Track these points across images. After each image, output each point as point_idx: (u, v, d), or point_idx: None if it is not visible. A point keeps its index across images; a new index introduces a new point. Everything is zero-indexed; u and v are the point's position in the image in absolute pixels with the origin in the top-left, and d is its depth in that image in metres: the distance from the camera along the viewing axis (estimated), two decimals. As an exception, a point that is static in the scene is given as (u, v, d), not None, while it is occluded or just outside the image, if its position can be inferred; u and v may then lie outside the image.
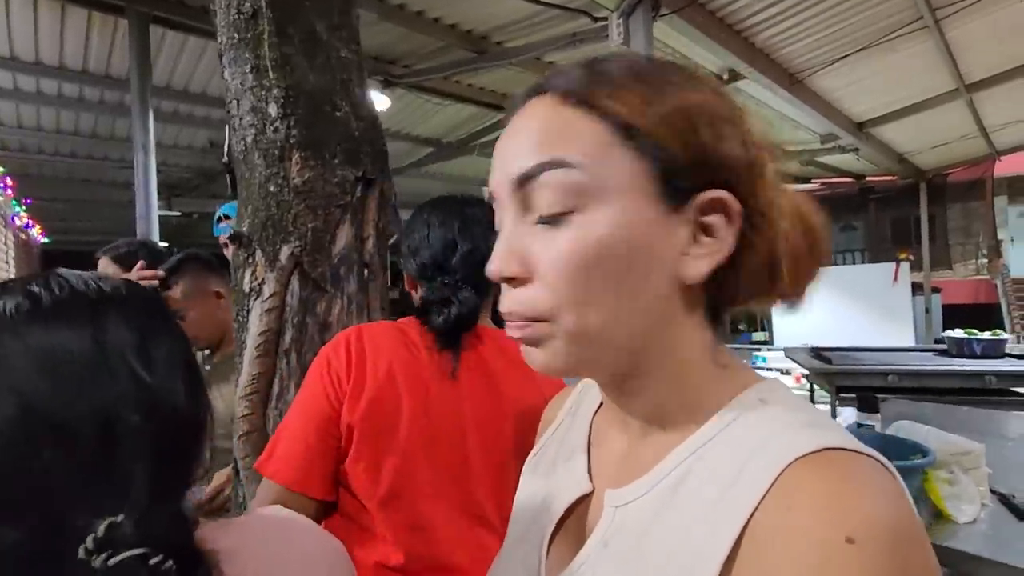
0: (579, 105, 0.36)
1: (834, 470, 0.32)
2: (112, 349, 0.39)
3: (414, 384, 0.82)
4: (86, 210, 7.22)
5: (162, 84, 4.07)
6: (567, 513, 0.44)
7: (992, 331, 3.08)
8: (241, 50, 1.02)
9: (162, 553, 0.35)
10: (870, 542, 0.28)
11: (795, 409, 0.37)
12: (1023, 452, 1.56)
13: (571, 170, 0.35)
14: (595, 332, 0.36)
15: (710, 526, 0.33)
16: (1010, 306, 9.27)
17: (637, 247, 0.36)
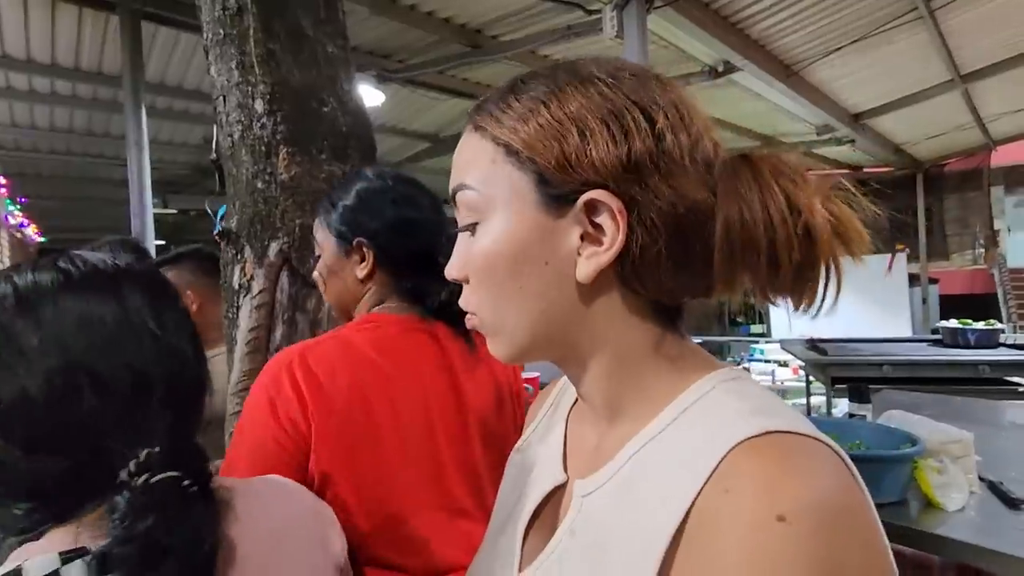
0: (478, 131, 0.42)
1: (773, 452, 0.33)
2: (133, 313, 0.46)
3: (380, 395, 0.77)
4: (81, 208, 7.20)
5: (156, 81, 4.05)
6: (544, 503, 0.46)
7: (986, 321, 3.09)
8: (227, 46, 1.02)
9: (191, 478, 0.43)
10: (801, 520, 0.29)
11: (745, 397, 0.38)
12: (1015, 440, 1.57)
13: (467, 191, 0.42)
14: (511, 326, 0.42)
15: (658, 514, 0.34)
16: (1007, 296, 9.30)
17: (524, 251, 0.40)
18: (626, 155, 0.37)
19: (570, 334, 0.41)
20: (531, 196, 0.39)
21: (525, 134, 0.39)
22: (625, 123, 0.37)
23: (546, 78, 0.41)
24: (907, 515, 1.08)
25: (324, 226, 0.85)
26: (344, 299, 0.86)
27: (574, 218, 0.38)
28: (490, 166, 0.40)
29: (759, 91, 4.67)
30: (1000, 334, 3.04)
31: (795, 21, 3.73)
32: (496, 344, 0.43)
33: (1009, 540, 0.98)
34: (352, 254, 0.83)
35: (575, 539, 0.40)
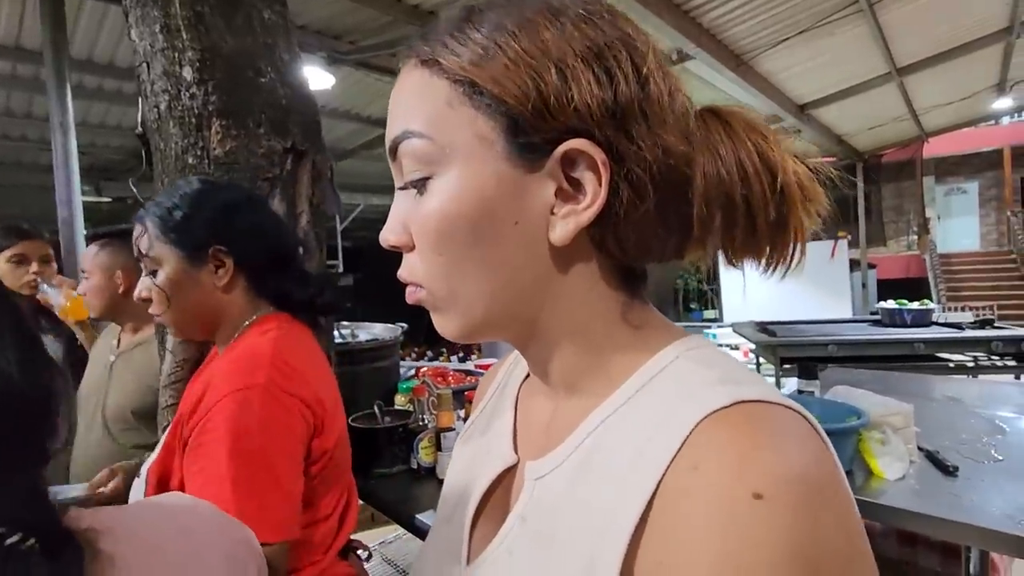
0: (427, 66, 0.34)
1: (745, 423, 0.30)
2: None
3: (332, 381, 0.86)
4: (4, 195, 6.68)
5: (82, 57, 3.77)
6: (493, 487, 0.42)
7: (920, 302, 3.26)
8: (148, 8, 0.93)
9: (21, 532, 0.32)
10: (779, 497, 0.27)
11: (711, 365, 0.35)
12: (948, 412, 1.65)
13: (416, 139, 0.34)
14: (467, 299, 0.36)
15: (621, 495, 0.31)
16: (937, 279, 9.91)
17: (490, 210, 0.33)
18: (612, 99, 0.32)
19: (534, 304, 0.36)
20: (499, 145, 0.33)
21: (493, 71, 0.32)
22: (609, 63, 0.32)
23: (510, 5, 0.34)
24: (852, 485, 1.10)
25: (160, 237, 0.79)
26: (202, 311, 0.82)
27: (548, 171, 0.33)
28: (445, 109, 0.33)
29: (711, 80, 4.75)
30: (932, 314, 3.23)
31: (744, 11, 3.81)
32: (447, 320, 0.37)
33: (946, 505, 1.02)
34: (205, 264, 0.80)
35: (526, 526, 0.36)
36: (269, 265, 0.84)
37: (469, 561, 0.41)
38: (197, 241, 0.79)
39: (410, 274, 0.37)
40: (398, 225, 0.37)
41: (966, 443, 1.31)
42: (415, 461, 1.37)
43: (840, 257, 7.61)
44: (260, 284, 0.84)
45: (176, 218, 0.79)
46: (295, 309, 0.86)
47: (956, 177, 11.88)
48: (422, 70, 0.35)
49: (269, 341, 0.78)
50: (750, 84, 4.72)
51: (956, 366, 2.96)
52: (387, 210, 0.40)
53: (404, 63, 0.36)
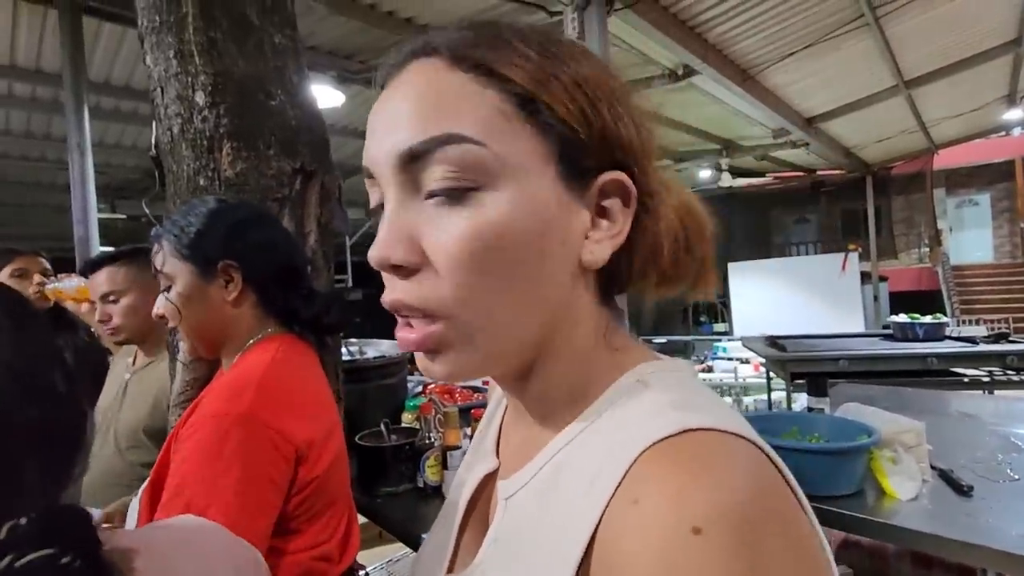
0: (473, 70, 0.32)
1: (687, 454, 0.29)
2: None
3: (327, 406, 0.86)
4: (22, 214, 6.81)
5: (100, 80, 3.86)
6: (477, 494, 0.43)
7: (933, 315, 3.22)
8: (163, 34, 0.96)
9: (71, 552, 0.33)
10: (718, 531, 0.25)
11: (667, 390, 0.34)
12: (962, 429, 1.62)
13: (469, 145, 0.31)
14: (498, 329, 0.33)
15: (572, 524, 0.31)
16: (950, 292, 9.78)
17: (540, 231, 0.32)
18: (639, 140, 0.35)
19: (548, 327, 0.35)
20: (550, 166, 0.33)
21: (555, 92, 0.32)
22: (633, 103, 0.35)
23: (543, 35, 0.34)
24: (863, 505, 1.09)
25: (174, 253, 0.82)
26: (211, 326, 0.84)
27: (589, 197, 0.34)
28: (499, 119, 0.32)
29: (718, 95, 4.78)
30: (945, 327, 3.18)
31: (750, 26, 3.83)
32: (463, 356, 0.33)
33: (961, 527, 1.00)
34: (215, 278, 0.82)
35: (497, 545, 0.37)
36: (278, 281, 0.85)
37: (451, 569, 0.41)
38: (208, 256, 0.81)
39: (423, 300, 0.32)
40: (406, 240, 0.32)
41: (981, 461, 1.28)
42: (421, 479, 1.36)
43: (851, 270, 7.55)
44: (268, 301, 0.85)
45: (189, 235, 0.81)
46: (301, 327, 0.88)
47: (968, 189, 11.78)
48: (456, 71, 0.32)
49: (263, 366, 0.79)
50: (757, 98, 4.74)
51: (971, 381, 2.91)
52: None
53: (415, 58, 0.34)
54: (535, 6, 3.31)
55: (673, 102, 5.04)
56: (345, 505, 0.86)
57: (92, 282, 1.37)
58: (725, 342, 6.99)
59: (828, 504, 1.08)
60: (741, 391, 5.68)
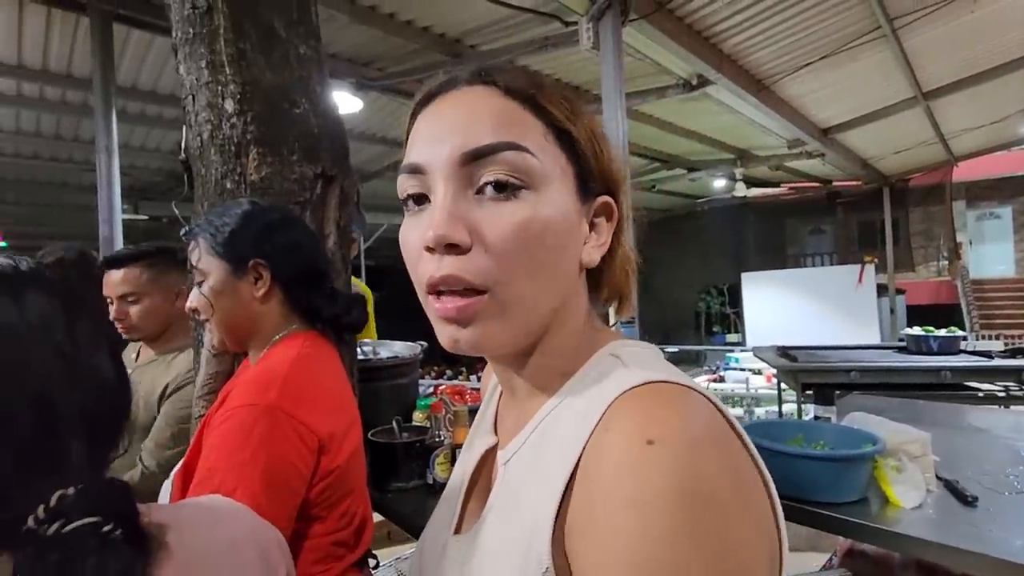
0: (524, 102, 0.42)
1: (648, 396, 0.37)
2: (38, 326, 0.39)
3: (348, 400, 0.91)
4: (49, 214, 7.00)
5: (127, 84, 3.98)
6: (480, 465, 0.51)
7: (948, 329, 3.19)
8: (196, 45, 1.01)
9: (112, 522, 0.36)
10: (666, 444, 0.33)
11: (636, 358, 0.43)
12: (973, 442, 1.62)
13: (526, 153, 0.40)
14: (528, 304, 0.41)
15: (559, 464, 0.38)
16: (969, 306, 9.62)
17: (566, 230, 0.42)
18: (620, 174, 0.46)
19: (556, 310, 0.44)
20: (571, 183, 0.43)
21: (579, 130, 0.43)
22: (611, 146, 0.46)
23: (565, 90, 0.46)
24: (867, 513, 1.10)
25: (209, 251, 0.88)
26: (239, 320, 0.89)
27: (588, 212, 0.44)
28: (543, 140, 0.41)
29: (732, 105, 4.78)
30: (962, 341, 3.15)
31: (765, 37, 3.84)
32: (499, 328, 0.40)
33: (964, 536, 1.01)
34: (246, 275, 0.88)
35: (498, 500, 0.44)
36: (303, 281, 0.91)
37: (458, 531, 0.49)
38: (240, 254, 0.87)
39: (474, 274, 0.39)
40: (462, 223, 0.39)
41: (988, 474, 1.28)
42: (431, 476, 1.39)
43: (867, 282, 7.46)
44: (293, 299, 0.90)
45: (224, 233, 0.87)
46: (323, 325, 0.92)
47: (989, 202, 11.59)
48: (511, 100, 0.42)
49: (288, 361, 0.84)
50: (772, 108, 4.73)
51: (986, 395, 2.88)
52: None
53: (474, 84, 0.43)
54: (550, 16, 3.35)
55: (687, 111, 5.05)
56: (361, 496, 0.89)
57: (109, 279, 1.38)
58: (737, 352, 6.93)
59: (832, 511, 1.10)
60: (753, 402, 5.64)
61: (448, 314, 0.40)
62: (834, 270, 8.61)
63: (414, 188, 0.42)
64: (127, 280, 1.37)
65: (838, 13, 3.61)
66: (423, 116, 0.43)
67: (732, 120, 5.35)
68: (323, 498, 0.81)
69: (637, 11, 3.04)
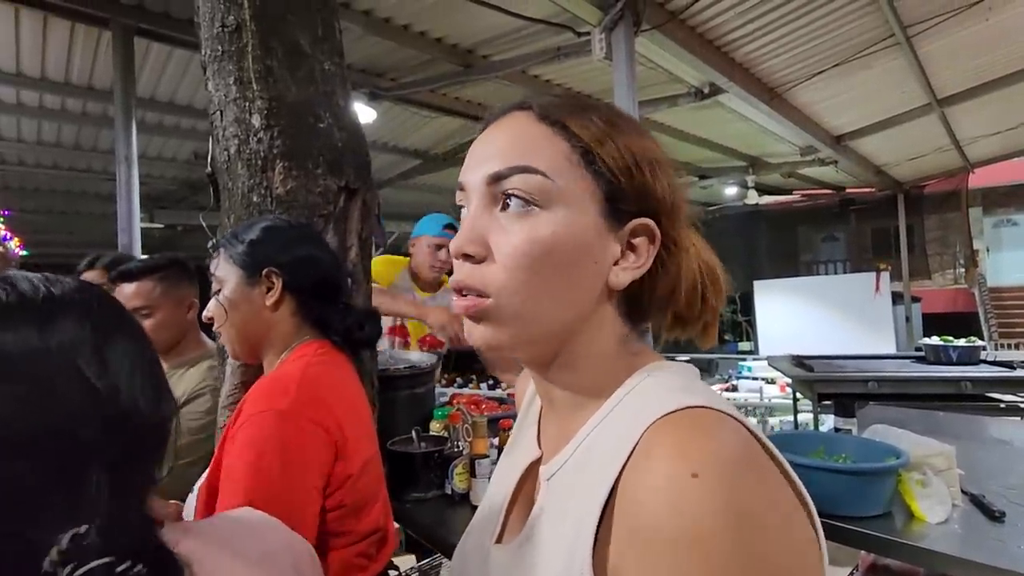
0: (552, 124, 0.44)
1: (687, 423, 0.38)
2: (65, 355, 0.37)
3: (362, 409, 0.92)
4: (68, 222, 7.12)
5: (146, 96, 4.05)
6: (524, 478, 0.52)
7: (967, 338, 3.15)
8: (225, 62, 1.04)
9: (130, 559, 0.35)
10: (711, 475, 0.34)
11: (672, 381, 0.44)
12: (996, 455, 1.59)
13: (540, 176, 0.43)
14: (529, 314, 0.43)
15: (599, 484, 0.40)
16: (988, 314, 9.47)
17: (578, 249, 0.43)
18: (670, 198, 0.46)
19: (574, 328, 0.45)
20: (597, 203, 0.44)
21: (609, 150, 0.44)
22: (670, 172, 0.47)
23: (609, 108, 0.47)
24: (892, 527, 1.09)
25: (228, 259, 0.91)
26: (250, 328, 0.91)
27: (621, 233, 0.45)
28: (564, 162, 0.43)
29: (744, 112, 4.77)
30: (981, 351, 3.10)
31: (778, 45, 3.83)
32: (497, 331, 0.44)
33: (992, 552, 0.99)
34: (258, 284, 0.90)
35: (543, 514, 0.46)
36: (316, 292, 0.93)
37: (501, 540, 0.50)
38: (255, 262, 0.90)
39: (481, 283, 0.43)
40: (478, 237, 0.44)
41: (1015, 488, 1.26)
42: (449, 487, 1.40)
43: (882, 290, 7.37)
44: (305, 310, 0.92)
45: (243, 243, 0.90)
46: (336, 338, 0.94)
47: (1006, 208, 11.43)
48: (540, 124, 0.45)
49: (301, 367, 0.85)
50: (784, 116, 4.71)
51: (1008, 407, 2.83)
52: None
53: (513, 111, 0.46)
54: (563, 27, 3.38)
55: (699, 119, 5.05)
56: (384, 507, 0.90)
57: (121, 292, 1.36)
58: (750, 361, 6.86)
59: (855, 524, 1.08)
60: (766, 411, 5.57)
61: (460, 311, 0.45)
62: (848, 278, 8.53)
63: (461, 202, 0.47)
64: (140, 294, 1.36)
65: (851, 21, 3.60)
66: (476, 140, 0.48)
67: (744, 128, 5.33)
68: (341, 507, 0.81)
69: (649, 21, 3.06)
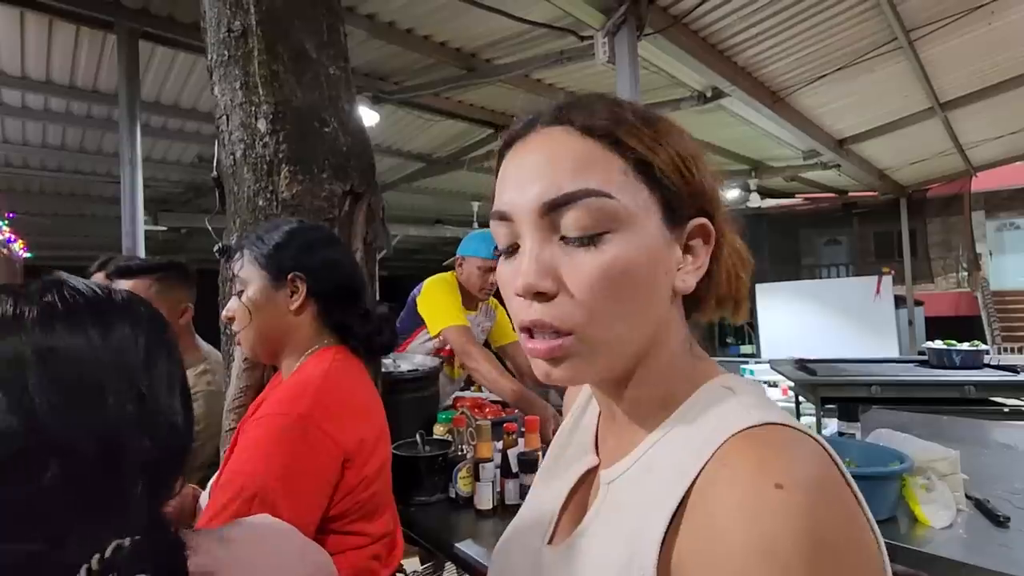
0: (602, 139, 0.42)
1: (768, 438, 0.38)
2: (123, 366, 0.38)
3: (377, 413, 0.93)
4: (72, 225, 7.15)
5: (151, 99, 4.07)
6: (578, 484, 0.51)
7: (971, 342, 3.14)
8: (231, 67, 1.04)
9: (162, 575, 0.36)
10: (796, 487, 0.33)
11: (750, 396, 0.43)
12: (1000, 459, 1.59)
13: (605, 199, 0.40)
14: (616, 342, 0.42)
15: (667, 492, 0.39)
16: (991, 318, 9.45)
17: (651, 265, 0.42)
18: (715, 190, 0.45)
19: (649, 342, 0.44)
20: (657, 214, 0.42)
21: (663, 158, 0.42)
22: (706, 164, 0.45)
23: (647, 112, 0.45)
24: (896, 532, 1.09)
25: (253, 262, 0.91)
26: (274, 330, 0.91)
27: (680, 238, 0.44)
28: (622, 177, 0.41)
29: (747, 116, 4.77)
30: (984, 355, 3.09)
31: (781, 50, 3.84)
32: (586, 364, 0.42)
33: (997, 557, 0.99)
34: (283, 287, 0.91)
35: (599, 516, 0.45)
36: (338, 297, 0.94)
37: (552, 542, 0.49)
38: (280, 266, 0.90)
39: (560, 320, 0.40)
40: (549, 271, 0.41)
41: (1019, 492, 1.26)
42: (454, 491, 1.40)
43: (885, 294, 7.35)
44: (327, 314, 0.93)
45: (269, 246, 0.91)
46: (354, 343, 0.94)
47: (1009, 212, 11.41)
48: (587, 140, 0.42)
49: (321, 374, 0.86)
50: (787, 120, 4.71)
51: (1011, 411, 2.82)
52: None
53: (549, 125, 0.43)
54: (566, 31, 3.38)
55: (702, 123, 5.05)
56: (392, 510, 0.91)
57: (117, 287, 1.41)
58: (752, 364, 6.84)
59: (859, 530, 1.08)
60: (769, 415, 5.55)
61: (540, 354, 0.42)
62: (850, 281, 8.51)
63: (505, 238, 0.44)
64: (135, 291, 1.38)
65: (853, 25, 3.61)
66: (508, 160, 0.45)
67: (747, 132, 5.34)
68: (354, 510, 0.82)
69: (652, 25, 3.06)
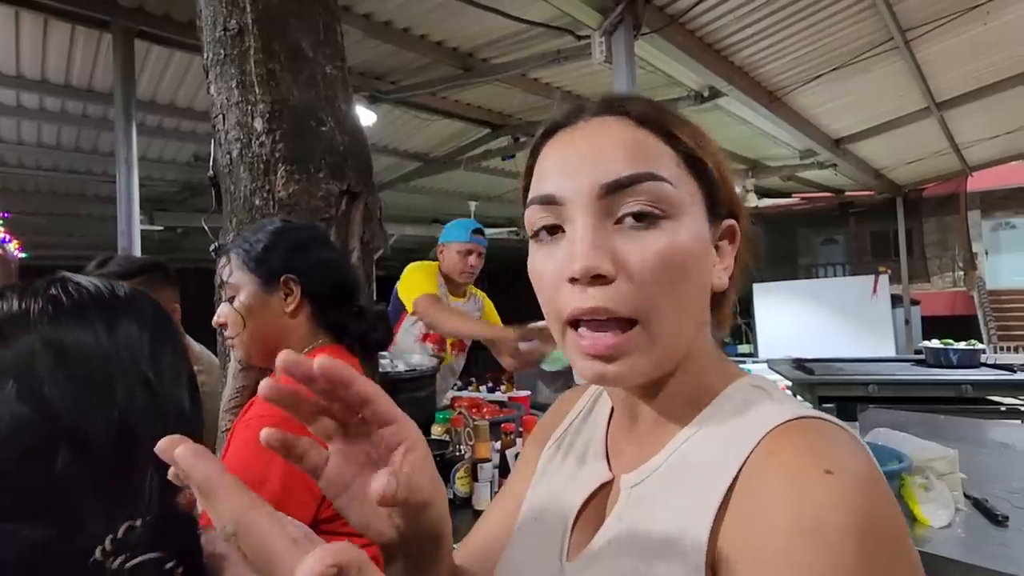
0: (656, 132, 0.42)
1: (810, 429, 0.38)
2: (129, 356, 0.40)
3: None
4: (68, 225, 7.11)
5: (146, 98, 4.05)
6: (589, 499, 0.48)
7: (968, 341, 3.15)
8: (227, 66, 1.04)
9: (177, 558, 0.37)
10: (845, 474, 0.33)
11: (777, 393, 0.43)
12: (998, 458, 1.59)
13: (664, 183, 0.40)
14: (674, 334, 0.41)
15: (707, 487, 0.38)
16: (987, 317, 9.49)
17: (701, 257, 0.42)
18: (738, 195, 0.46)
19: (693, 338, 0.43)
20: (702, 207, 0.43)
21: (709, 155, 0.43)
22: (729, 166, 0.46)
23: (677, 114, 0.45)
24: (895, 532, 1.09)
25: (242, 267, 0.90)
26: (268, 334, 0.90)
27: (716, 235, 0.44)
28: (677, 168, 0.42)
29: (744, 116, 4.78)
30: (981, 354, 3.10)
31: (777, 49, 3.84)
32: (644, 360, 0.40)
33: (995, 556, 0.99)
34: (276, 290, 0.89)
35: (623, 523, 0.43)
36: (332, 297, 0.93)
37: (569, 558, 0.45)
38: (271, 269, 0.89)
39: (622, 304, 0.39)
40: (608, 254, 0.39)
41: (1017, 492, 1.26)
42: (451, 491, 1.39)
43: (882, 293, 7.38)
44: (322, 315, 0.92)
45: (257, 249, 0.89)
46: (349, 341, 0.93)
47: (1005, 211, 11.47)
48: (642, 130, 0.42)
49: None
50: (784, 119, 4.72)
51: (1008, 410, 2.83)
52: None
53: (603, 115, 0.43)
54: (563, 30, 3.38)
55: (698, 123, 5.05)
56: None
57: None
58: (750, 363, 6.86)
59: (858, 529, 1.08)
60: (766, 414, 5.56)
61: (600, 350, 0.40)
62: (847, 281, 8.54)
63: (547, 219, 0.42)
64: None
65: (850, 25, 3.61)
66: (552, 147, 0.44)
67: (743, 131, 5.34)
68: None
69: (649, 25, 3.06)
